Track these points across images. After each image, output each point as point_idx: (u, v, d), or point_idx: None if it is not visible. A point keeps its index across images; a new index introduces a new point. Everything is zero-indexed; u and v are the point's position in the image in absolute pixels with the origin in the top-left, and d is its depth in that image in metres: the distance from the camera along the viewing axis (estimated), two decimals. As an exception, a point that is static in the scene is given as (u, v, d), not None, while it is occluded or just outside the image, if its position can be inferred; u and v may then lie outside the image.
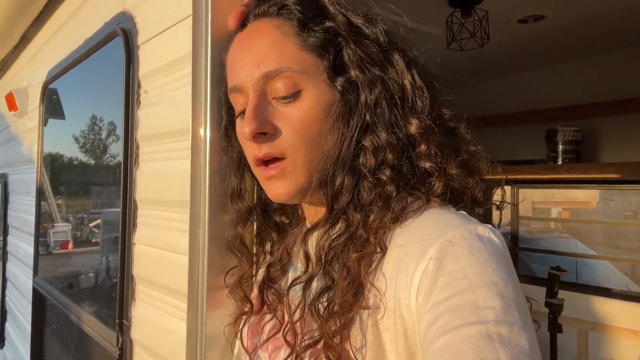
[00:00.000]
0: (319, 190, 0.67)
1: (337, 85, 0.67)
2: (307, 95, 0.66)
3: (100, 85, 1.50)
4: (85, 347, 1.48)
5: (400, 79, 0.67)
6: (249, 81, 0.67)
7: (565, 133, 3.12)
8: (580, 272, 3.24)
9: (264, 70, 0.65)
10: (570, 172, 2.87)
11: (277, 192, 0.68)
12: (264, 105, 0.66)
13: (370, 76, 0.67)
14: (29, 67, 2.37)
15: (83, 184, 1.74)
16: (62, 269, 1.93)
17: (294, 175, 0.67)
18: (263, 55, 0.66)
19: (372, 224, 0.62)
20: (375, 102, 0.66)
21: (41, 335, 1.96)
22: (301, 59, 0.66)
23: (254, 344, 0.77)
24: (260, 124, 0.65)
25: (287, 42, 0.66)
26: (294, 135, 0.65)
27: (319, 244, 0.65)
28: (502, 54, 3.09)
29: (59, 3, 1.89)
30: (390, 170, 0.64)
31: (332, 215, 0.66)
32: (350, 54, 0.67)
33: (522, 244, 3.43)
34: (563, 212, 4.03)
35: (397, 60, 0.68)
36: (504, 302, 0.51)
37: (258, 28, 0.69)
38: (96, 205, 1.60)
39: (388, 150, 0.64)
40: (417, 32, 0.76)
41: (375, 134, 0.65)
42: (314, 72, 0.66)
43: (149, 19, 1.08)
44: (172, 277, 0.93)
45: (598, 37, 2.82)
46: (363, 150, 0.66)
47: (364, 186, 0.64)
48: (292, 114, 0.65)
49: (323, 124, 0.66)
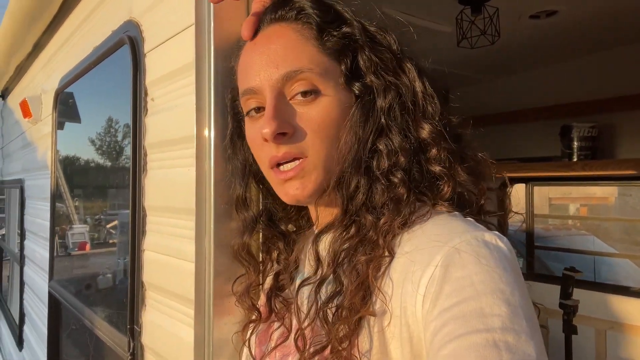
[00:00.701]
0: (334, 191, 0.67)
1: (354, 89, 0.68)
2: (326, 97, 0.66)
3: (111, 91, 1.52)
4: (100, 351, 1.50)
5: (412, 86, 0.68)
6: (266, 82, 0.67)
7: (580, 129, 3.06)
8: (599, 270, 3.19)
9: (284, 71, 0.65)
10: (586, 169, 2.82)
11: (294, 193, 0.68)
12: (283, 105, 0.66)
13: (385, 82, 0.68)
14: (42, 74, 2.41)
15: (99, 186, 1.77)
16: (79, 270, 1.96)
17: (314, 175, 0.67)
18: (282, 57, 0.66)
19: (383, 227, 0.62)
20: (389, 107, 0.67)
21: (57, 339, 1.99)
22: (320, 62, 0.66)
23: (262, 351, 0.78)
24: (281, 123, 0.65)
25: (306, 45, 0.67)
26: (314, 136, 0.66)
27: (333, 246, 0.66)
28: (515, 51, 3.05)
29: (70, 11, 1.92)
30: (402, 173, 0.65)
31: (346, 217, 0.66)
32: (366, 59, 0.68)
33: (538, 242, 3.38)
34: (581, 208, 3.96)
35: (409, 68, 0.69)
36: (511, 309, 0.50)
37: (276, 32, 0.69)
38: (113, 206, 1.61)
39: (400, 153, 0.65)
40: (427, 31, 0.77)
41: (389, 138, 0.66)
42: (332, 75, 0.67)
43: (154, 27, 1.09)
44: (180, 284, 0.93)
45: (612, 31, 2.76)
46: (377, 153, 0.66)
47: (377, 188, 0.65)
48: (311, 115, 0.66)
49: (341, 125, 0.66)
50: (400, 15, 0.72)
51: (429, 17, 2.34)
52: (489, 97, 3.74)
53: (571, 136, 3.10)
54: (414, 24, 0.72)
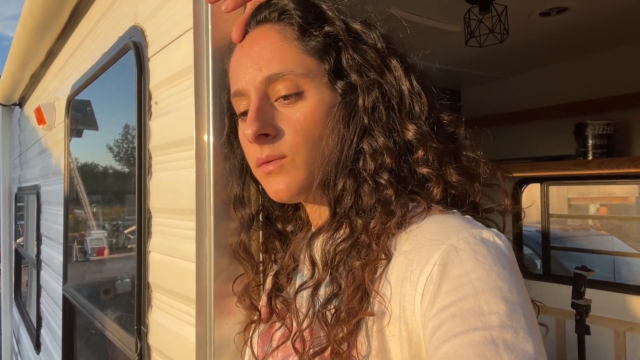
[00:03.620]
0: (320, 192, 0.68)
1: (337, 88, 0.68)
2: (309, 97, 0.66)
3: (119, 96, 1.54)
4: (111, 353, 1.52)
5: (398, 84, 0.68)
6: (251, 84, 0.68)
7: (595, 127, 3.01)
8: (618, 271, 3.13)
9: (267, 73, 0.66)
10: (602, 168, 2.77)
11: (276, 189, 0.69)
12: (266, 107, 0.67)
13: (368, 80, 0.67)
14: (55, 82, 2.46)
15: (116, 191, 1.78)
16: (92, 275, 1.98)
17: (293, 172, 0.67)
18: (265, 59, 0.67)
19: (373, 230, 0.62)
20: (373, 106, 0.67)
21: (72, 342, 2.02)
22: (303, 63, 0.66)
23: (264, 351, 0.78)
24: (262, 125, 0.66)
25: (289, 46, 0.67)
26: (295, 136, 0.66)
27: (324, 249, 0.66)
28: (526, 48, 3.01)
29: (80, 19, 1.96)
30: (388, 174, 0.64)
31: (335, 219, 0.66)
32: (349, 58, 0.68)
33: (555, 243, 3.33)
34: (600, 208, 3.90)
35: (395, 65, 0.69)
36: (509, 307, 0.50)
37: (260, 34, 0.70)
38: (131, 212, 1.64)
39: (386, 154, 0.65)
40: (436, 30, 0.76)
41: (374, 138, 0.66)
42: (315, 75, 0.67)
43: (157, 32, 1.10)
44: (182, 284, 0.94)
45: (625, 26, 2.71)
46: (363, 153, 0.66)
47: (365, 190, 0.65)
48: (294, 116, 0.66)
49: (324, 125, 0.66)
50: (408, 16, 0.72)
51: (437, 17, 2.33)
52: (501, 96, 3.70)
53: (585, 134, 3.04)
54: (422, 24, 0.72)
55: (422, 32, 2.38)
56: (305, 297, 0.68)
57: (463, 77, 3.57)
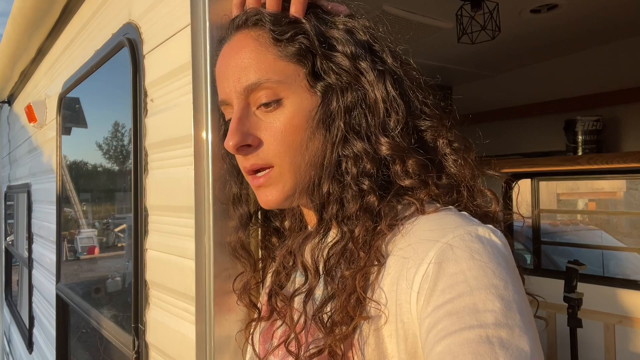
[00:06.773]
0: (305, 197, 0.68)
1: (317, 90, 0.67)
2: (289, 104, 0.66)
3: (113, 94, 1.53)
4: (107, 351, 1.52)
5: (372, 89, 0.66)
6: (232, 94, 0.68)
7: (585, 123, 3.04)
8: (607, 265, 3.17)
9: (245, 83, 0.67)
10: (591, 163, 2.80)
11: (266, 200, 0.70)
12: (247, 117, 0.67)
13: (341, 85, 0.66)
14: (46, 79, 2.44)
15: (106, 190, 1.78)
16: (86, 274, 1.97)
17: (281, 183, 0.68)
18: (243, 69, 0.67)
19: (358, 238, 0.62)
20: (349, 110, 0.66)
21: (65, 340, 2.01)
22: (279, 69, 0.66)
23: (265, 349, 0.78)
24: (242, 137, 0.66)
25: (265, 53, 0.66)
26: (277, 145, 0.66)
27: (313, 256, 0.66)
28: (517, 45, 3.04)
29: (72, 16, 1.93)
30: (369, 180, 0.64)
31: (322, 225, 0.66)
32: (323, 64, 0.67)
33: (545, 238, 3.37)
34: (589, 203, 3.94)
35: (367, 70, 0.66)
36: (504, 304, 0.50)
37: (238, 41, 0.70)
38: (121, 210, 1.63)
39: (365, 159, 0.64)
40: (428, 27, 0.74)
41: (353, 143, 0.65)
42: (293, 80, 0.66)
43: (153, 29, 1.10)
44: (181, 281, 0.94)
45: (614, 24, 2.74)
46: (345, 158, 0.65)
47: (348, 196, 0.64)
48: (274, 124, 0.66)
49: (305, 131, 0.66)
50: (401, 13, 0.71)
51: (429, 13, 2.34)
52: (492, 93, 3.73)
53: (575, 130, 3.08)
54: (414, 21, 0.71)
55: (415, 29, 2.39)
56: (302, 299, 0.68)
57: (454, 74, 3.59)
